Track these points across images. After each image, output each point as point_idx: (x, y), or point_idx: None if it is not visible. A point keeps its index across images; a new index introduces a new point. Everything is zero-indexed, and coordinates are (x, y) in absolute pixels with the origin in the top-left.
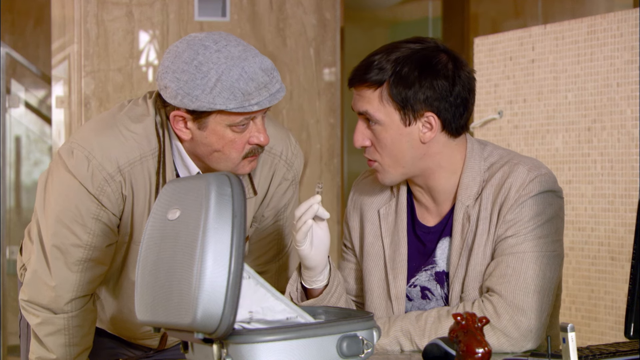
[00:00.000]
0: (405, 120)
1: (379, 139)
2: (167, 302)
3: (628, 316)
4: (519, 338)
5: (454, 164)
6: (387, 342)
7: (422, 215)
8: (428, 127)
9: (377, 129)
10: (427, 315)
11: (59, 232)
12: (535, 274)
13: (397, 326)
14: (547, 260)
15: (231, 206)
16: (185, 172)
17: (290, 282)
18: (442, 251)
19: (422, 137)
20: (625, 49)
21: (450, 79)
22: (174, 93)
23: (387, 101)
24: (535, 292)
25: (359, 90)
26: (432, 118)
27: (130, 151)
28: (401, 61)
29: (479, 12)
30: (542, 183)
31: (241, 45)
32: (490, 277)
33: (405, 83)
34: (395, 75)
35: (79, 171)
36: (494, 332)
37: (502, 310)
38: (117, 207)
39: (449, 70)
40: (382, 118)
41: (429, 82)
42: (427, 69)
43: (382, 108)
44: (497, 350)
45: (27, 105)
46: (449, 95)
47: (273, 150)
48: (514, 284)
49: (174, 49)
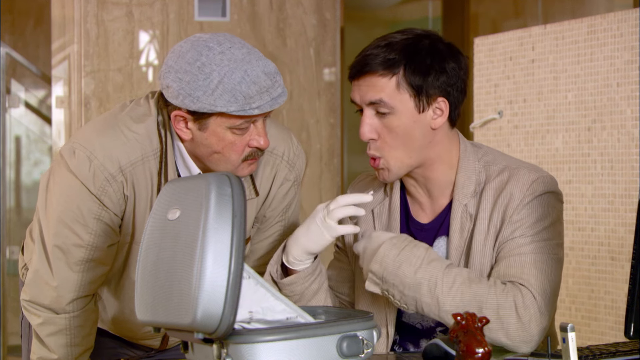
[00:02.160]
0: (420, 106)
1: (390, 128)
2: (167, 302)
3: (628, 316)
4: (535, 336)
5: (451, 158)
6: (409, 284)
7: (416, 212)
8: (439, 113)
9: (389, 119)
10: (457, 273)
11: (60, 232)
12: (550, 277)
13: (426, 272)
14: (554, 263)
15: (231, 206)
16: (187, 172)
17: (271, 263)
18: (437, 250)
19: (432, 124)
20: (625, 49)
21: (457, 62)
22: (176, 93)
23: (404, 88)
24: (551, 295)
25: (368, 80)
26: (442, 103)
27: (132, 151)
28: (411, 49)
29: (479, 12)
30: (545, 184)
31: (245, 48)
32: (506, 274)
33: (421, 69)
34: (409, 62)
35: (81, 171)
36: (516, 321)
37: (529, 303)
38: (118, 207)
39: (454, 54)
40: (397, 105)
41: (441, 67)
42: (437, 55)
43: (398, 95)
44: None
45: (27, 105)
46: (457, 79)
47: (275, 151)
48: (534, 284)
49: (178, 49)
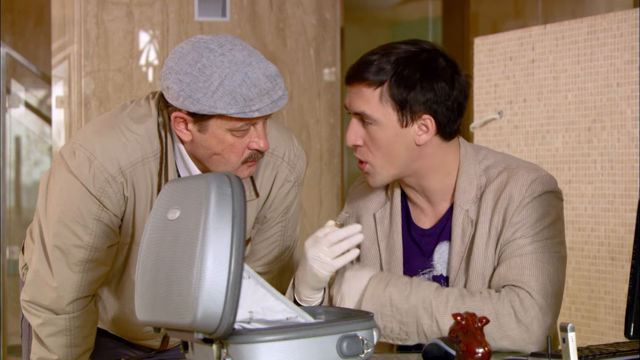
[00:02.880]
0: (403, 121)
1: (374, 139)
2: (167, 302)
3: (628, 316)
4: (540, 336)
5: (448, 166)
6: (405, 309)
7: (417, 217)
8: (424, 130)
9: (373, 129)
10: (449, 292)
11: (60, 232)
12: (551, 276)
13: (419, 295)
14: (557, 261)
15: (231, 206)
16: (187, 173)
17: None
18: (440, 255)
19: (417, 140)
20: (625, 49)
21: (449, 83)
22: (176, 94)
23: (387, 101)
24: (553, 293)
25: (357, 88)
26: (428, 121)
27: (132, 152)
28: (403, 62)
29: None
30: (544, 184)
31: (246, 50)
32: (507, 277)
33: (407, 84)
34: (396, 75)
35: (81, 172)
36: (518, 326)
37: (529, 306)
38: (118, 208)
39: (448, 74)
40: (380, 118)
41: (430, 85)
42: (429, 72)
43: (381, 108)
44: (517, 345)
45: (27, 105)
46: (447, 98)
47: (275, 152)
48: (534, 284)
49: (179, 50)
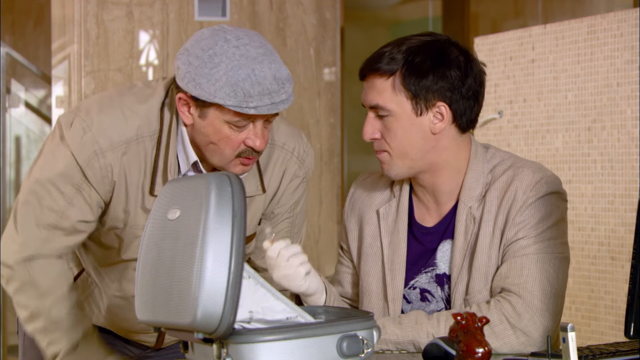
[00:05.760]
0: (417, 109)
1: (390, 129)
2: (167, 302)
3: (628, 316)
4: (538, 338)
5: (459, 162)
6: (399, 334)
7: (420, 215)
8: (439, 118)
9: (388, 120)
10: (437, 314)
11: (36, 190)
12: (551, 276)
13: (409, 317)
14: (559, 262)
15: (231, 206)
16: (184, 158)
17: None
18: (442, 253)
19: (432, 128)
20: (625, 49)
21: (462, 70)
22: (182, 75)
23: (400, 90)
24: (552, 294)
25: (371, 81)
26: (443, 108)
27: (128, 130)
28: (414, 51)
29: (479, 12)
30: (548, 184)
31: (263, 49)
32: (505, 278)
33: (419, 72)
34: (407, 64)
35: (73, 141)
36: (514, 332)
37: (522, 310)
38: (102, 187)
39: (461, 62)
40: (394, 108)
41: (441, 72)
42: (440, 59)
43: (394, 97)
44: (517, 350)
45: (27, 105)
46: (461, 86)
47: (286, 146)
48: (531, 286)
49: (199, 34)
